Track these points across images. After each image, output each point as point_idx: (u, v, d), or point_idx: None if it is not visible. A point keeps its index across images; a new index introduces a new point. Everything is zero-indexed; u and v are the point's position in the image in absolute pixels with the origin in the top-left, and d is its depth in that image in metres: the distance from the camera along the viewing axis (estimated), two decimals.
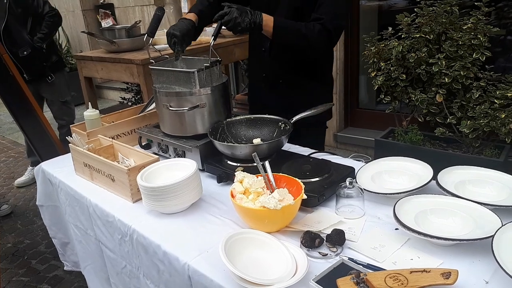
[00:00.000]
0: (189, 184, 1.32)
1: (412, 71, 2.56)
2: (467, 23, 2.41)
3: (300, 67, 1.87)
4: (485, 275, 0.97)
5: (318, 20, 1.66)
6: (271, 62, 1.89)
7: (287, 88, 1.90)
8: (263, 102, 1.99)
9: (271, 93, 1.94)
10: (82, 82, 3.39)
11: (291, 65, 1.87)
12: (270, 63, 1.90)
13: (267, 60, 1.90)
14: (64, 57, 6.09)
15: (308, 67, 1.88)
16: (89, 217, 1.54)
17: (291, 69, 1.87)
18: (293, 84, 1.90)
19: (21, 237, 3.04)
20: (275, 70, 1.90)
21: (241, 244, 1.09)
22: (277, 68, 1.89)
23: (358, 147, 3.77)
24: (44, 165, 1.85)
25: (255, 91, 2.09)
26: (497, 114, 2.25)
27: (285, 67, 1.88)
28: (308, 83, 1.90)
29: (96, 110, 1.91)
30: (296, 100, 1.87)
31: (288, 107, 1.73)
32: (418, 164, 1.41)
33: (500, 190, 1.24)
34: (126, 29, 3.19)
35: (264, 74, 1.95)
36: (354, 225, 1.20)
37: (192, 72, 1.58)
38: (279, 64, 1.88)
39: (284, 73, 1.89)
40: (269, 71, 1.93)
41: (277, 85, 1.91)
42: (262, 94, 2.00)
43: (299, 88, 1.90)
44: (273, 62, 1.89)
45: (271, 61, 1.89)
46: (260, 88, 2.00)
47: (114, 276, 1.52)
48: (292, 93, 1.90)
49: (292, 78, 1.89)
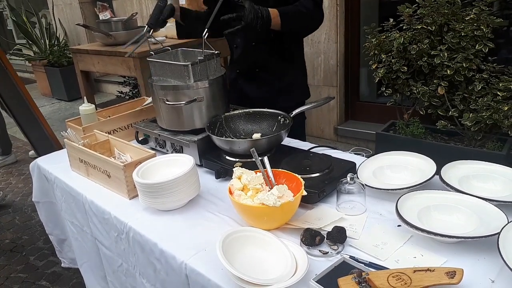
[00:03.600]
0: (186, 181, 1.29)
1: (414, 63, 2.52)
2: (470, 14, 2.37)
3: (273, 53, 1.91)
4: (490, 273, 0.94)
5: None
6: (243, 56, 1.96)
7: (265, 75, 1.95)
8: (245, 93, 2.02)
9: (251, 83, 1.99)
10: (78, 75, 3.35)
11: (264, 54, 1.91)
12: (243, 56, 1.96)
13: (240, 54, 1.97)
14: (61, 51, 6.06)
15: (281, 52, 1.92)
16: (85, 214, 1.51)
17: (264, 57, 1.92)
18: (269, 70, 1.94)
19: (19, 233, 3.03)
20: (249, 61, 1.96)
21: (240, 242, 1.06)
22: (250, 59, 1.95)
23: (359, 140, 3.74)
24: (40, 161, 1.82)
25: (235, 86, 2.10)
26: (499, 107, 2.21)
27: (258, 56, 1.93)
28: (283, 66, 1.94)
29: (92, 105, 1.87)
30: (276, 85, 1.94)
31: (269, 94, 1.91)
32: (420, 158, 1.38)
33: (505, 185, 1.21)
34: (123, 21, 3.15)
35: (238, 69, 2.03)
36: (356, 222, 1.17)
37: (185, 66, 1.54)
38: (251, 55, 1.94)
39: (259, 63, 1.94)
40: (244, 64, 1.99)
41: (253, 74, 1.97)
42: (242, 86, 2.03)
43: (276, 73, 1.94)
44: (246, 56, 1.95)
45: (243, 55, 1.96)
46: (240, 81, 2.04)
47: (111, 274, 1.50)
48: (270, 79, 1.95)
49: (267, 65, 1.94)
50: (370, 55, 2.69)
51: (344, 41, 3.66)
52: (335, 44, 3.58)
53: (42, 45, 6.24)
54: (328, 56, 3.63)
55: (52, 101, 6.32)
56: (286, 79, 1.95)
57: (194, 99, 1.57)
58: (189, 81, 1.56)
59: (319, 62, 3.68)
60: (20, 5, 6.73)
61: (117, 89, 5.41)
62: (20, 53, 6.51)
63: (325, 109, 3.75)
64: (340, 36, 3.60)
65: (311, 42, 3.65)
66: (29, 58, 6.34)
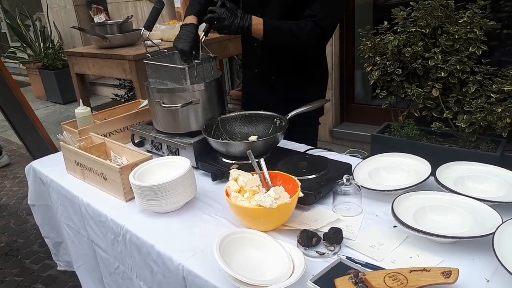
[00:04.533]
0: (183, 183, 1.29)
1: (408, 66, 2.54)
2: (463, 17, 2.39)
3: (292, 63, 1.85)
4: (486, 273, 0.95)
5: (312, 17, 1.63)
6: (263, 58, 1.87)
7: (279, 84, 1.88)
8: (256, 98, 1.97)
9: (264, 89, 1.92)
10: (73, 78, 3.34)
11: (283, 61, 1.84)
12: (263, 58, 1.87)
13: (260, 55, 1.88)
14: (56, 53, 6.04)
15: (300, 64, 1.85)
16: (81, 216, 1.51)
17: (283, 65, 1.85)
18: (285, 81, 1.87)
19: (14, 236, 3.01)
20: (267, 65, 1.88)
21: (237, 244, 1.07)
22: (269, 64, 1.87)
23: (354, 142, 3.75)
24: (35, 163, 1.81)
25: (248, 87, 2.07)
26: (493, 108, 2.23)
27: (277, 63, 1.85)
28: (301, 81, 1.87)
29: (88, 108, 1.87)
30: (288, 97, 1.84)
31: (281, 104, 1.71)
32: (416, 160, 1.39)
33: (499, 186, 1.22)
34: (118, 24, 3.14)
35: (256, 70, 1.93)
36: (352, 223, 1.17)
37: (182, 68, 1.55)
38: (271, 59, 1.85)
39: (276, 69, 1.87)
40: (261, 67, 1.91)
41: (268, 81, 1.89)
42: (255, 90, 1.98)
43: (292, 85, 1.87)
44: (265, 58, 1.86)
45: (263, 57, 1.86)
46: (253, 83, 1.98)
47: (107, 277, 1.49)
48: (284, 90, 1.88)
49: (284, 74, 1.87)
50: (365, 58, 2.71)
51: (339, 44, 3.67)
52: (330, 47, 3.60)
53: (37, 48, 6.21)
54: None
55: (47, 104, 6.30)
56: (302, 92, 1.86)
57: (190, 101, 1.57)
58: (186, 83, 1.56)
59: None
60: (14, 7, 6.71)
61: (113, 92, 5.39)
62: (14, 56, 6.48)
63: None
64: (335, 38, 3.61)
65: None
66: (24, 61, 6.31)
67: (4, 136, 5.14)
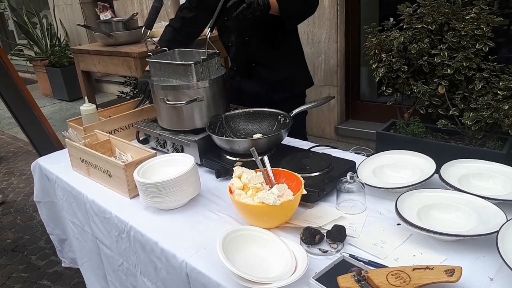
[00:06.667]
0: (187, 180, 1.29)
1: (414, 63, 2.52)
2: (470, 13, 2.37)
3: (268, 50, 1.95)
4: (489, 271, 0.94)
5: None
6: (238, 53, 2.01)
7: (259, 68, 1.99)
8: (243, 88, 2.06)
9: (248, 79, 2.03)
10: (79, 76, 3.36)
11: (257, 50, 1.95)
12: (238, 53, 2.01)
13: (235, 52, 2.01)
14: (62, 51, 6.07)
15: (274, 47, 1.95)
16: (86, 213, 1.52)
17: (258, 53, 1.96)
18: (264, 64, 1.98)
19: (21, 233, 3.03)
20: (245, 58, 2.00)
21: (240, 241, 1.07)
22: (246, 57, 2.00)
23: (359, 139, 3.73)
24: (41, 160, 1.83)
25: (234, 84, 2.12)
26: (500, 106, 2.21)
27: (252, 53, 1.97)
28: (278, 60, 1.97)
29: (93, 105, 1.88)
30: (272, 77, 1.97)
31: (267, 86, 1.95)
32: (420, 157, 1.39)
33: (504, 184, 1.21)
34: (123, 21, 3.15)
35: (235, 67, 2.07)
36: (355, 220, 1.17)
37: (189, 65, 1.55)
38: (244, 52, 1.99)
39: (254, 58, 1.98)
40: (240, 61, 2.04)
41: (250, 69, 2.00)
42: (241, 82, 2.07)
43: (271, 66, 1.98)
44: (240, 52, 2.00)
45: (238, 52, 2.00)
46: (237, 80, 2.08)
47: (111, 274, 1.50)
48: (266, 72, 1.98)
49: (261, 59, 1.98)
50: (371, 55, 2.69)
51: (345, 41, 3.65)
52: (335, 44, 3.58)
53: (43, 46, 6.24)
54: (328, 56, 3.64)
55: (53, 101, 6.33)
56: (283, 71, 1.98)
57: (194, 98, 1.57)
58: (192, 80, 1.56)
59: (319, 61, 3.68)
60: (21, 5, 6.74)
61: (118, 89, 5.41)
62: (21, 54, 6.52)
63: (325, 108, 3.75)
64: (340, 35, 3.60)
65: (312, 42, 3.65)
66: (30, 58, 6.34)
67: (11, 133, 5.18)
